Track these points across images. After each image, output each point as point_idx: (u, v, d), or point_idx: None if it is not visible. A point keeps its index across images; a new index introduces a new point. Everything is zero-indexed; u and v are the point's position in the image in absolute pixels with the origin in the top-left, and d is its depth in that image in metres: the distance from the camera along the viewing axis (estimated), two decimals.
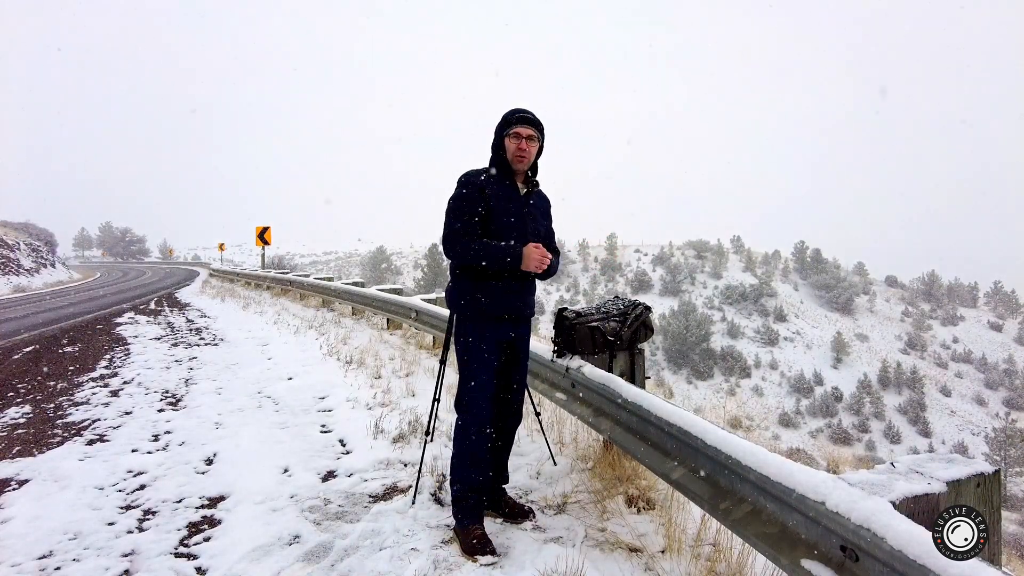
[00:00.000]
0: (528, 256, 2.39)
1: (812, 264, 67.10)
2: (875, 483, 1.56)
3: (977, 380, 47.47)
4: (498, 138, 2.52)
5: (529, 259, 2.39)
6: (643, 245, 79.47)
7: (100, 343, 8.15)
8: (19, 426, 4.32)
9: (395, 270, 70.30)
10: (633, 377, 3.07)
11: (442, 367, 2.86)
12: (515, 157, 2.47)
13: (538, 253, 2.39)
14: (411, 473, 3.27)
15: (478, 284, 2.48)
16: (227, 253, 72.74)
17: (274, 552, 2.47)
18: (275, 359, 6.67)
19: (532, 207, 2.58)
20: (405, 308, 7.43)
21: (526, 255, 2.39)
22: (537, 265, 2.40)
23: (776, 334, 52.51)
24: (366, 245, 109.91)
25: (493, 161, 2.54)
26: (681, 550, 2.39)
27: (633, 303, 3.11)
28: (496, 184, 2.49)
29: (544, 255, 2.41)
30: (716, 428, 2.05)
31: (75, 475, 3.33)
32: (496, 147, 2.53)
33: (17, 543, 2.58)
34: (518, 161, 2.48)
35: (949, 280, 64.28)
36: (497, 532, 2.56)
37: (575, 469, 3.19)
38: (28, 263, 28.62)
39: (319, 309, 11.63)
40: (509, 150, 2.48)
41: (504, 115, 2.53)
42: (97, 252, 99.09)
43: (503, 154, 2.50)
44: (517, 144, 2.46)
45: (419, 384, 5.25)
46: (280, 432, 4.08)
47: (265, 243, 19.58)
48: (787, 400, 42.80)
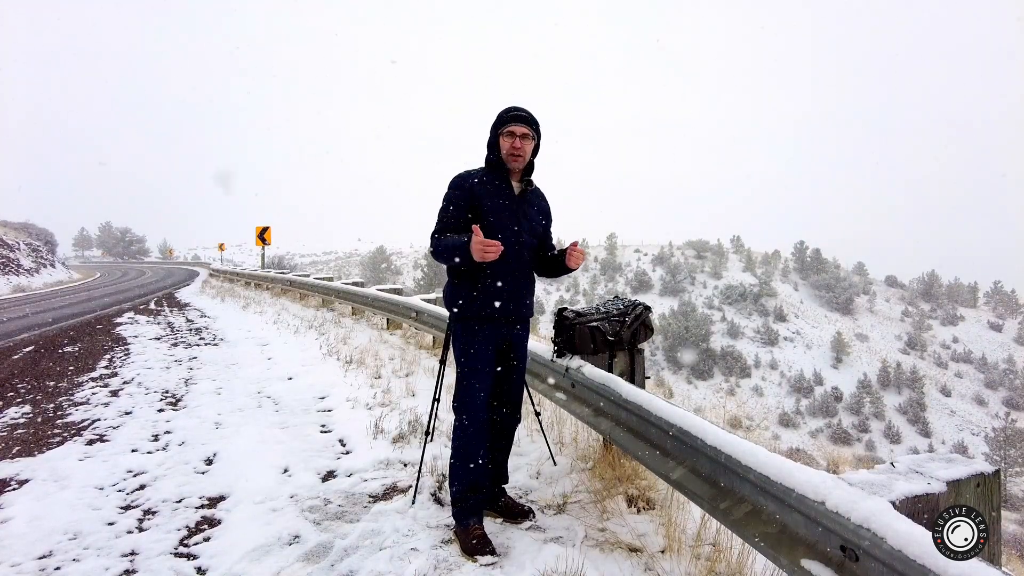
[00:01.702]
0: (472, 247, 2.26)
1: (812, 264, 67.12)
2: (875, 483, 1.56)
3: (977, 380, 47.48)
4: (493, 136, 2.50)
5: (473, 249, 2.26)
6: (643, 245, 79.47)
7: (100, 343, 8.15)
8: (19, 426, 4.32)
9: (395, 270, 70.28)
10: (633, 377, 3.07)
11: (442, 367, 2.86)
12: (510, 156, 2.46)
13: (480, 243, 2.25)
14: (411, 473, 3.27)
15: (473, 285, 2.46)
16: (227, 253, 72.70)
17: (274, 552, 2.47)
18: (275, 359, 6.67)
19: (527, 205, 2.56)
20: (405, 308, 7.43)
21: (471, 246, 2.27)
22: (481, 255, 2.25)
23: (776, 334, 52.51)
24: (366, 245, 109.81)
25: (488, 160, 2.53)
26: (681, 550, 2.39)
27: (633, 303, 3.11)
28: (490, 183, 2.47)
29: (487, 245, 2.24)
30: (716, 428, 2.05)
31: (75, 475, 3.32)
32: (491, 146, 2.51)
33: (17, 543, 2.58)
34: (513, 160, 2.46)
35: (949, 280, 64.30)
36: (497, 532, 2.56)
37: (575, 469, 3.19)
38: (28, 263, 28.61)
39: (319, 309, 11.63)
40: (503, 149, 2.46)
41: (499, 113, 2.51)
42: (97, 252, 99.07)
43: (498, 153, 2.48)
44: (511, 142, 2.44)
45: (419, 384, 5.25)
46: (280, 432, 4.08)
47: (265, 243, 19.59)
48: (787, 400, 42.81)
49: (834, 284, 62.16)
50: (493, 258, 2.28)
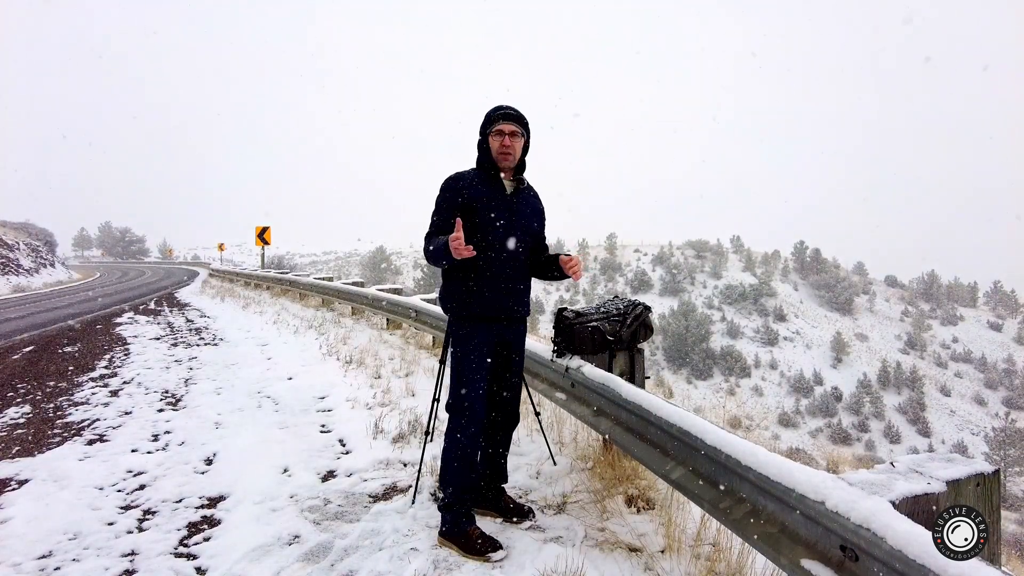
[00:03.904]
0: (451, 246, 2.24)
1: (812, 264, 67.11)
2: (875, 483, 1.56)
3: (977, 380, 47.47)
4: (483, 136, 2.51)
5: (452, 249, 2.24)
6: (643, 245, 79.42)
7: (100, 343, 8.15)
8: (19, 426, 4.32)
9: (395, 270, 70.26)
10: (633, 377, 3.07)
11: (442, 367, 2.85)
12: (500, 155, 2.46)
13: (453, 241, 2.22)
14: (411, 473, 3.27)
15: (468, 285, 2.46)
16: (227, 253, 72.68)
17: (274, 552, 2.47)
18: (275, 359, 6.67)
19: (520, 204, 2.56)
20: (405, 308, 7.43)
21: (449, 245, 2.25)
22: (457, 253, 2.23)
23: (776, 334, 52.50)
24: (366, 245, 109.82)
25: (479, 160, 2.53)
26: (681, 550, 2.39)
27: (633, 303, 3.11)
28: (481, 183, 2.47)
29: (454, 239, 2.22)
30: (716, 428, 2.05)
31: (75, 475, 3.32)
32: (481, 146, 2.52)
33: (17, 543, 2.58)
34: (503, 158, 2.46)
35: (949, 280, 64.31)
36: (497, 532, 2.56)
37: (575, 469, 3.19)
38: (28, 263, 28.60)
39: (319, 309, 11.63)
40: (493, 148, 2.46)
41: (487, 113, 2.51)
42: (96, 252, 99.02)
43: (488, 153, 2.48)
44: (501, 141, 2.44)
45: (419, 384, 5.24)
46: (280, 432, 4.07)
47: (265, 243, 19.57)
48: (787, 400, 42.80)
49: (834, 284, 62.15)
50: (469, 255, 2.26)
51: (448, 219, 2.44)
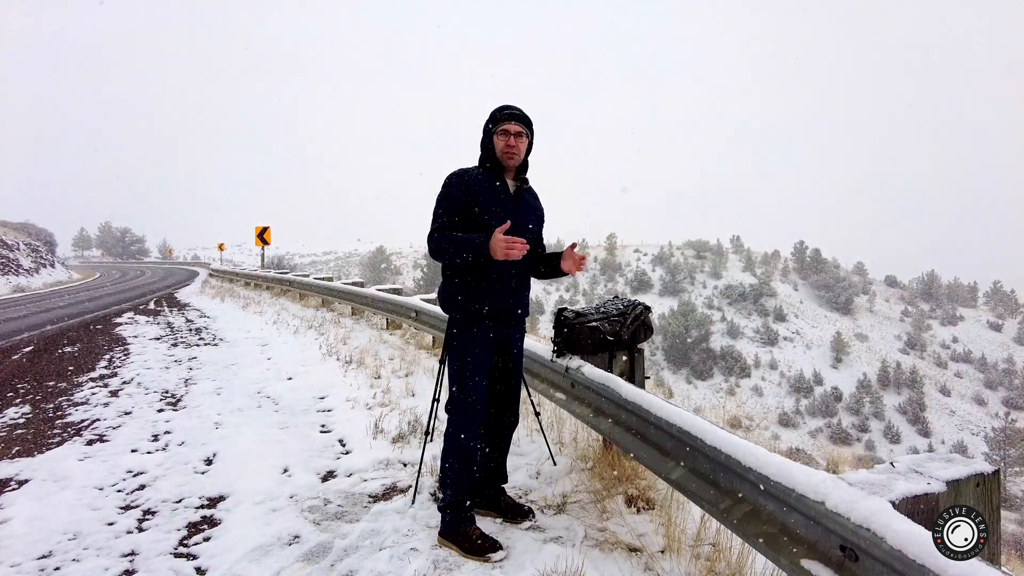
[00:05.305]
0: (494, 244, 2.25)
1: (812, 264, 67.13)
2: (875, 483, 1.56)
3: (977, 380, 47.50)
4: (487, 135, 2.50)
5: (495, 247, 2.24)
6: (643, 245, 79.46)
7: (99, 343, 8.14)
8: (19, 426, 4.32)
9: (395, 270, 70.27)
10: (633, 377, 3.07)
11: (442, 367, 2.84)
12: (504, 154, 2.44)
13: (504, 241, 2.24)
14: (411, 473, 3.27)
15: (468, 284, 2.45)
16: (227, 253, 72.69)
17: (274, 552, 2.47)
18: (275, 359, 6.67)
19: (523, 204, 2.55)
20: (405, 308, 7.43)
21: (492, 244, 2.26)
22: (504, 252, 2.24)
23: (776, 334, 52.53)
24: (366, 245, 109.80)
25: (482, 159, 2.52)
26: (681, 550, 2.39)
27: (632, 303, 3.11)
28: (485, 182, 2.47)
29: (512, 241, 2.24)
30: (716, 428, 2.05)
31: (75, 475, 3.32)
32: (485, 145, 2.51)
33: (17, 543, 2.58)
34: (507, 158, 2.45)
35: (948, 280, 64.34)
36: (497, 532, 2.56)
37: (575, 469, 3.19)
38: (27, 263, 28.60)
39: (319, 309, 11.63)
40: (498, 147, 2.45)
41: (492, 112, 2.50)
42: (96, 252, 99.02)
43: (492, 152, 2.47)
44: (506, 141, 2.43)
45: (419, 384, 5.24)
46: (280, 432, 4.07)
47: (265, 243, 19.57)
48: (787, 400, 42.82)
49: (834, 284, 62.18)
50: (517, 256, 2.27)
51: (456, 214, 2.42)
